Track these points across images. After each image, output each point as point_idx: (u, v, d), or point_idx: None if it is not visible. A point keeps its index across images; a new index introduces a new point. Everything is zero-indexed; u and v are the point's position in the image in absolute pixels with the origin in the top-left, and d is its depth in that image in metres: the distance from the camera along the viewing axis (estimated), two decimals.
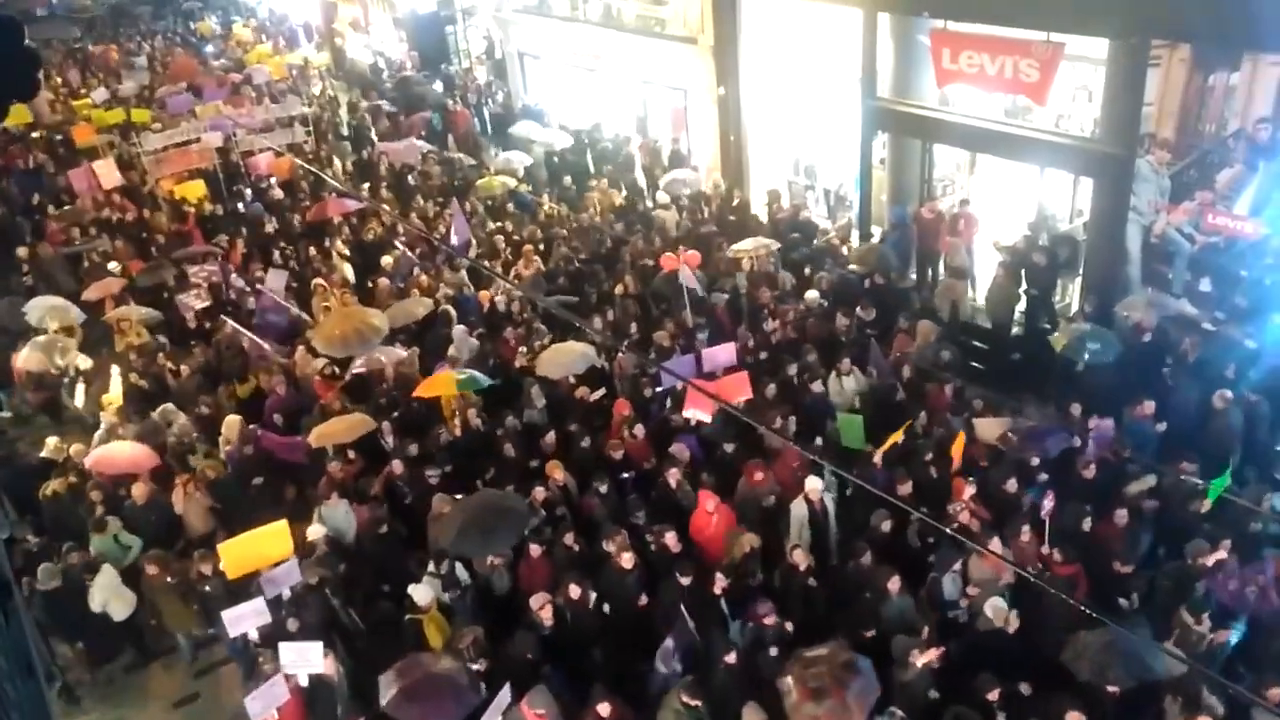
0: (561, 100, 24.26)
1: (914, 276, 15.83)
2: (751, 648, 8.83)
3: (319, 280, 16.04)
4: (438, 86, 28.23)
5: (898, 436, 10.31)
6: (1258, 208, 12.10)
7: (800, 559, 9.40)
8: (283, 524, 9.87)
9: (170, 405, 13.47)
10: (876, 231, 16.76)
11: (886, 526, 9.74)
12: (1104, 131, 13.22)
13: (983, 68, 13.70)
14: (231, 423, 12.58)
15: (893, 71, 15.95)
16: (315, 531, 10.47)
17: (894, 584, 8.94)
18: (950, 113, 15.26)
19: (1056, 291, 14.49)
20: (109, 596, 10.65)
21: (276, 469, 12.24)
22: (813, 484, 10.12)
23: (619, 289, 15.22)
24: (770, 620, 8.79)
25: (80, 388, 14.69)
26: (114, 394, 14.10)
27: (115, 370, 14.52)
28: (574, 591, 9.16)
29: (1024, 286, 14.10)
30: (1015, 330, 14.24)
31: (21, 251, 18.51)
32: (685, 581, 9.24)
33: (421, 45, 30.33)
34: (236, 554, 9.66)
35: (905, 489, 9.96)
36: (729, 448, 11.22)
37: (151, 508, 11.64)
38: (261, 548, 9.72)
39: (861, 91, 16.08)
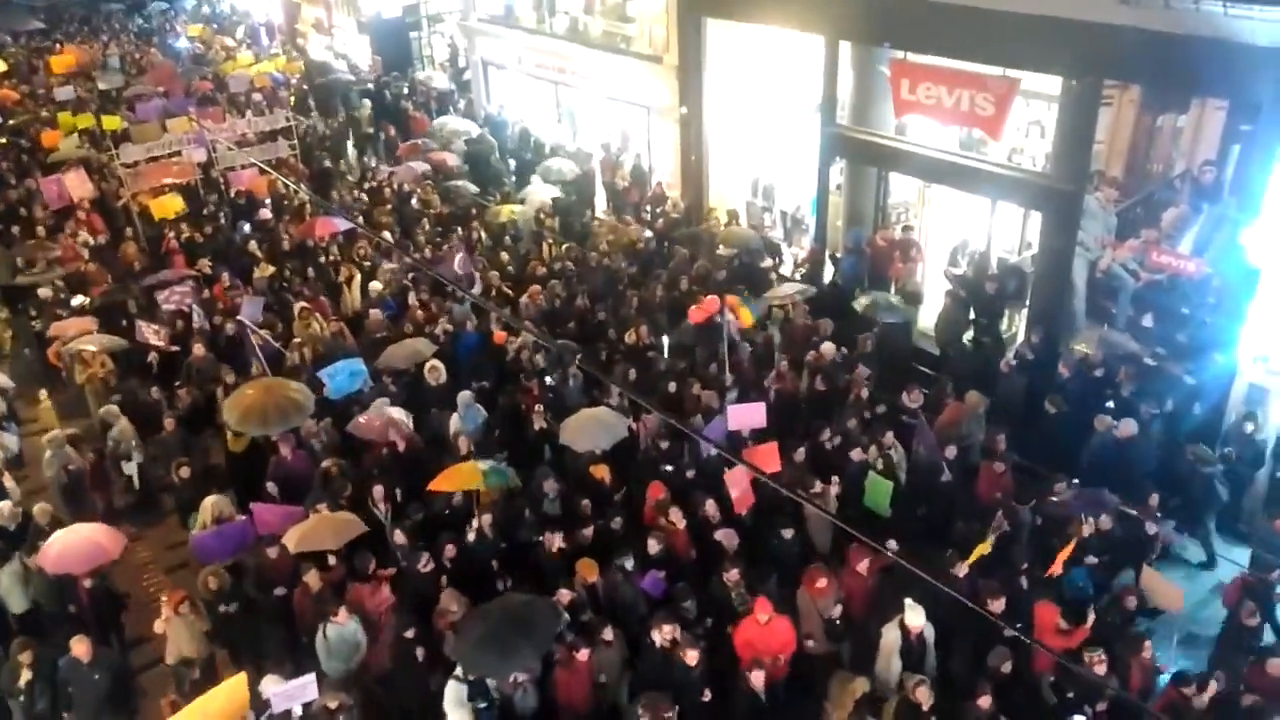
0: (526, 111, 23.75)
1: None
2: None
3: (303, 304, 14.53)
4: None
5: (986, 548, 8.87)
6: (1200, 248, 12.09)
7: (924, 697, 7.96)
8: (241, 678, 8.23)
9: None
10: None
11: (1007, 667, 8.31)
12: (1055, 167, 13.15)
13: (940, 100, 13.56)
14: (208, 505, 10.49)
15: (852, 99, 15.80)
16: (269, 683, 8.34)
17: None
18: (907, 142, 15.09)
19: (1003, 320, 14.39)
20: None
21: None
22: (914, 619, 8.60)
23: (630, 338, 13.55)
24: None
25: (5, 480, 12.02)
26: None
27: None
28: (666, 715, 7.69)
29: (972, 315, 14.01)
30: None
31: None
32: None
33: (385, 50, 29.57)
34: None
35: (996, 604, 8.47)
36: (787, 534, 9.77)
37: (97, 666, 9.06)
38: (215, 711, 8.00)
39: (821, 117, 15.94)
